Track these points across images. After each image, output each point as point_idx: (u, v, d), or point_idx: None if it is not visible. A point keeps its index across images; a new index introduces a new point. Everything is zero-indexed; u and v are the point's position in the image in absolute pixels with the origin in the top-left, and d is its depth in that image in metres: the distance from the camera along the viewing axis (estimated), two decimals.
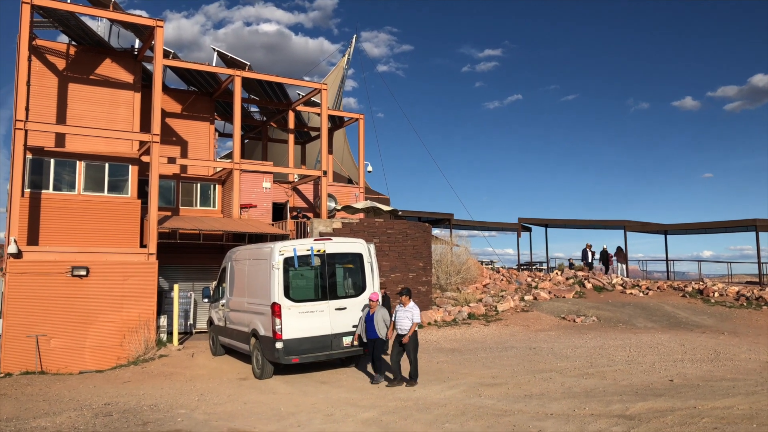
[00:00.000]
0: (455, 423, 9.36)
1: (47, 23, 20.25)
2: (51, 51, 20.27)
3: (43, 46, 20.15)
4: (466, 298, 24.42)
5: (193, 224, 20.47)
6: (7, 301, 16.45)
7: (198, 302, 21.72)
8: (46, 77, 20.04)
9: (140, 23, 19.82)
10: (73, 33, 20.45)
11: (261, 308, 13.66)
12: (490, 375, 13.13)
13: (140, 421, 10.04)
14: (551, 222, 39.19)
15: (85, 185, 19.49)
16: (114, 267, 17.81)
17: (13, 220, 17.11)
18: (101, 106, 20.73)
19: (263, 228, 21.72)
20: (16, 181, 17.39)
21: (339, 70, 40.54)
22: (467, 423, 9.32)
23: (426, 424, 9.36)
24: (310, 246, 13.82)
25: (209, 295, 17.58)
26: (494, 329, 20.46)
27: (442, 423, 9.39)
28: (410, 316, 12.52)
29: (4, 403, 11.94)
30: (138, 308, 17.85)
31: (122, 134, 19.91)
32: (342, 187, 29.12)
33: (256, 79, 24.59)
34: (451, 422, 9.44)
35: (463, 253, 28.96)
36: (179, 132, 24.45)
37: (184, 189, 23.66)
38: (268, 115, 30.15)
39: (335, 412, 10.36)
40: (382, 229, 22.01)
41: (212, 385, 13.04)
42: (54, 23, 20.09)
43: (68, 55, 20.53)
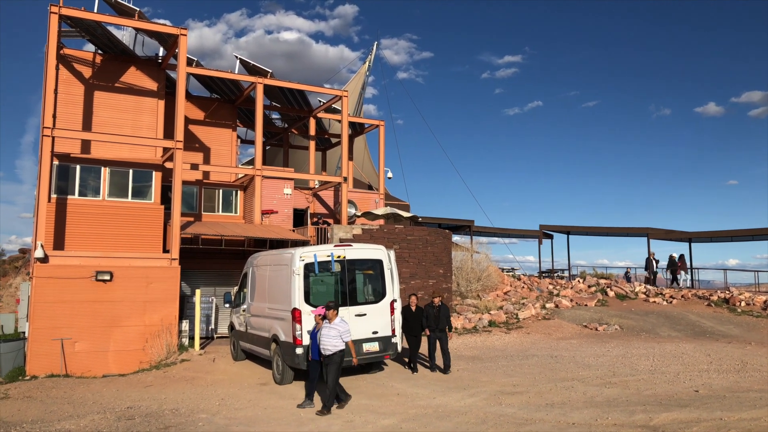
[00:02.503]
0: (475, 431, 9.29)
1: (74, 32, 20.64)
2: (78, 59, 20.65)
3: (70, 55, 20.53)
4: (487, 305, 24.27)
5: (216, 230, 20.65)
6: (34, 304, 16.73)
7: (219, 307, 21.88)
8: (73, 85, 20.40)
9: (164, 32, 20.10)
10: (100, 42, 20.81)
11: (281, 314, 13.71)
12: (511, 383, 13.02)
13: (162, 425, 10.13)
14: (573, 229, 38.83)
15: (109, 191, 19.78)
16: (137, 272, 18.02)
17: (40, 225, 17.42)
18: (126, 113, 21.04)
19: (284, 234, 21.84)
20: (43, 186, 17.70)
21: (360, 77, 40.71)
22: (488, 431, 9.25)
23: None
24: (330, 252, 13.85)
25: (230, 300, 17.69)
26: (515, 337, 20.30)
27: (462, 431, 9.33)
28: (336, 333, 11.29)
29: (29, 405, 12.13)
30: (160, 313, 18.03)
31: (146, 141, 20.19)
32: (362, 194, 29.18)
33: (277, 87, 24.78)
34: (471, 430, 9.37)
35: (484, 260, 28.79)
36: (202, 139, 24.73)
37: (206, 195, 23.91)
38: (289, 122, 30.36)
39: (355, 418, 10.35)
40: (402, 236, 21.99)
41: (233, 390, 13.11)
42: (81, 32, 20.47)
43: (94, 64, 20.89)
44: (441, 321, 14.40)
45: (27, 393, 13.45)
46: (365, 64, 41.01)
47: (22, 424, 10.27)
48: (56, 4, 18.04)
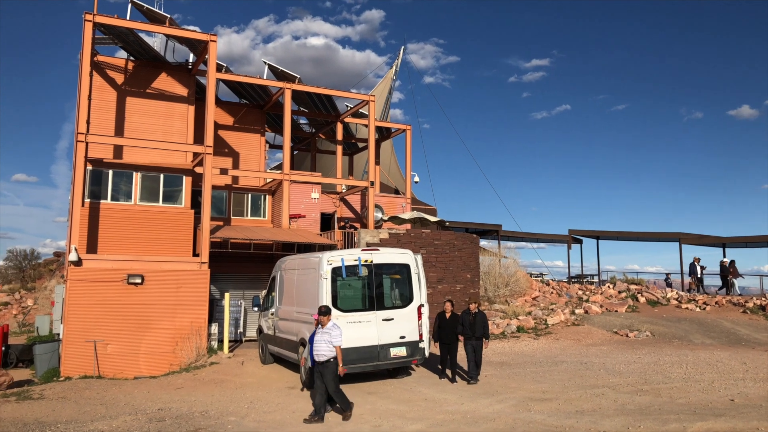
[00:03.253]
0: None
1: (108, 40, 21.09)
2: (110, 66, 21.07)
3: (104, 62, 20.96)
4: (515, 310, 24.05)
5: (244, 234, 20.85)
6: (68, 307, 17.07)
7: (248, 311, 22.07)
8: (106, 91, 20.82)
9: (194, 38, 20.41)
10: (132, 48, 21.22)
11: (309, 317, 13.75)
12: (540, 390, 12.87)
13: (192, 427, 10.24)
14: (603, 234, 38.31)
15: (141, 195, 20.12)
16: (168, 275, 18.27)
17: (74, 229, 17.80)
18: (157, 118, 21.39)
19: (312, 238, 21.95)
20: (77, 191, 18.08)
21: (386, 82, 40.78)
22: None
23: None
24: (357, 256, 13.88)
25: (259, 303, 17.83)
26: (544, 343, 20.07)
27: None
28: (328, 338, 10.89)
29: (64, 405, 12.37)
30: (190, 316, 18.25)
31: (177, 146, 20.51)
32: (389, 198, 29.18)
33: (305, 92, 24.95)
34: None
35: (512, 265, 28.55)
36: (231, 144, 25.01)
37: (235, 199, 24.17)
38: (316, 127, 30.54)
39: (383, 423, 10.33)
40: (429, 240, 21.93)
41: (261, 394, 13.19)
42: (114, 39, 20.90)
43: (126, 70, 21.29)
44: (477, 328, 13.74)
45: (61, 393, 13.72)
46: (392, 69, 41.08)
47: (56, 424, 10.48)
48: (90, 13, 18.46)
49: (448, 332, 13.98)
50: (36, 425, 10.46)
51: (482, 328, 13.79)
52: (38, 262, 45.86)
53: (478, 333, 13.74)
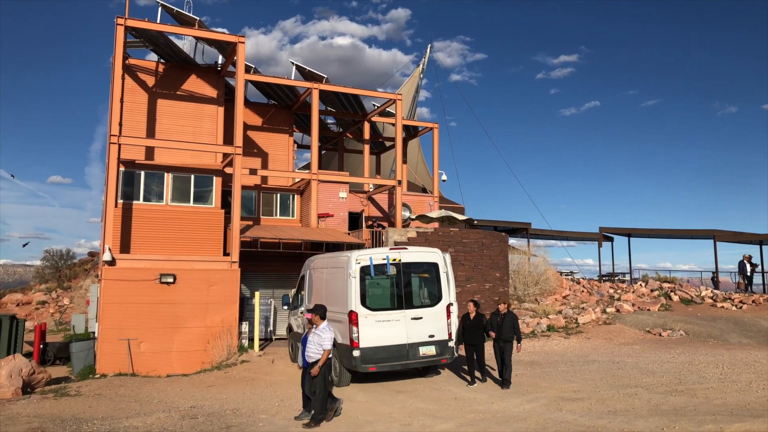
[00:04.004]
0: None
1: (139, 43, 21.44)
2: (142, 69, 21.42)
3: (135, 65, 21.32)
4: (545, 309, 23.82)
5: (274, 233, 21.02)
6: (103, 305, 17.42)
7: (278, 309, 22.25)
8: (137, 94, 21.17)
9: (223, 40, 20.63)
10: (162, 51, 21.54)
11: (338, 316, 13.82)
12: (572, 389, 12.72)
13: (224, 424, 10.36)
14: (634, 231, 37.68)
15: (172, 196, 20.42)
16: (199, 274, 18.52)
17: (107, 229, 18.15)
18: (187, 120, 21.68)
19: (340, 237, 22.03)
20: (110, 192, 18.43)
21: (413, 80, 40.69)
22: None
23: None
24: (385, 255, 13.88)
25: (289, 302, 17.96)
26: (575, 342, 19.83)
27: None
28: (318, 341, 10.45)
29: (100, 402, 12.63)
30: (221, 315, 18.47)
31: (207, 147, 20.76)
32: (416, 197, 29.13)
33: (332, 91, 25.04)
34: None
35: (542, 264, 28.29)
36: (260, 144, 25.24)
37: (264, 199, 24.39)
38: (344, 126, 30.64)
39: (412, 422, 10.32)
40: (457, 239, 21.84)
41: (292, 392, 13.28)
42: (145, 43, 21.24)
43: (157, 72, 21.63)
44: (504, 330, 13.14)
45: (97, 390, 14.01)
46: (419, 67, 40.96)
47: (93, 421, 10.70)
48: (122, 17, 18.79)
49: (473, 333, 13.54)
50: (73, 421, 10.69)
51: (510, 330, 13.18)
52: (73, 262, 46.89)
53: (505, 335, 13.17)
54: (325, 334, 10.47)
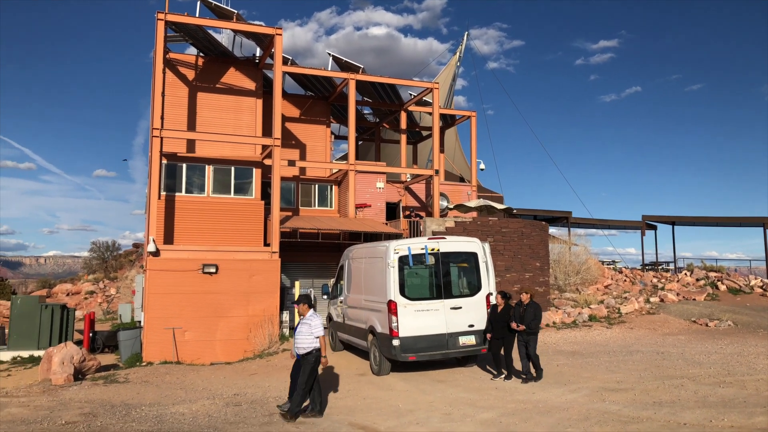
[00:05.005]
0: (578, 428, 9.00)
1: (179, 37, 21.79)
2: (182, 63, 21.77)
3: (175, 59, 21.68)
4: (587, 299, 23.48)
5: (312, 224, 21.21)
6: (148, 295, 17.87)
7: (317, 298, 22.44)
8: (178, 87, 21.54)
9: (261, 32, 20.80)
10: (201, 45, 21.85)
11: (378, 305, 13.88)
12: (615, 380, 12.52)
13: (267, 411, 10.53)
14: (679, 219, 36.76)
15: (213, 188, 20.77)
16: (240, 264, 18.82)
17: (151, 221, 18.58)
18: (227, 112, 21.98)
19: (378, 227, 22.09)
20: (153, 185, 18.84)
21: (450, 69, 40.37)
22: (591, 428, 8.94)
23: (547, 428, 9.08)
24: (424, 245, 13.85)
25: (328, 291, 18.11)
26: (617, 332, 19.50)
27: (564, 427, 9.07)
28: (308, 329, 10.06)
29: (147, 389, 12.98)
30: (262, 304, 18.75)
31: (246, 139, 21.03)
32: (454, 186, 28.98)
33: (369, 82, 25.04)
34: (573, 427, 9.09)
35: (583, 253, 27.87)
36: (298, 135, 25.44)
37: (303, 190, 24.60)
38: (380, 117, 30.62)
39: (453, 411, 10.32)
40: (496, 228, 21.66)
41: (332, 380, 13.41)
42: (184, 37, 21.58)
43: (197, 66, 21.95)
44: (527, 321, 12.42)
45: (144, 378, 14.40)
46: (455, 56, 40.60)
47: (141, 407, 11.01)
48: (162, 12, 19.11)
49: (499, 325, 12.91)
50: (123, 407, 11.02)
51: (530, 320, 12.44)
52: (119, 253, 48.25)
53: (530, 326, 12.49)
54: (314, 321, 10.12)
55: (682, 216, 36.88)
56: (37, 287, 42.26)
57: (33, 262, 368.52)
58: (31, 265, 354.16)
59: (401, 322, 13.11)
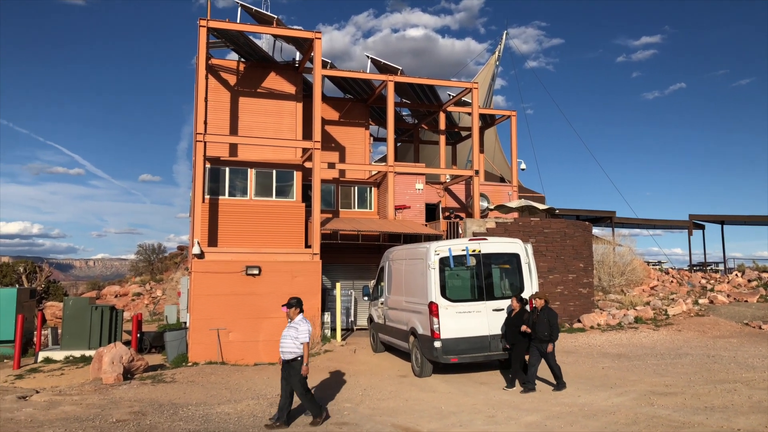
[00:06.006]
0: None
1: (220, 43, 22.19)
2: (223, 68, 22.16)
3: (217, 65, 22.07)
4: (632, 300, 22.97)
5: (352, 225, 21.31)
6: (193, 297, 18.23)
7: (358, 300, 22.56)
8: (220, 92, 21.92)
9: (300, 36, 21.00)
10: (242, 50, 22.20)
11: (419, 307, 13.86)
12: (663, 383, 12.21)
13: None
14: (728, 219, 35.64)
15: (255, 191, 21.06)
16: (282, 266, 19.02)
17: (196, 224, 18.95)
18: (267, 116, 22.26)
19: (417, 228, 22.05)
20: (197, 188, 19.21)
21: (489, 68, 40.07)
22: None
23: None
24: (465, 246, 13.77)
25: (369, 293, 18.17)
26: (665, 334, 19.01)
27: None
28: (294, 334, 9.72)
29: (193, 389, 13.24)
30: (304, 305, 18.84)
31: (287, 142, 21.27)
32: (494, 186, 28.72)
33: (407, 83, 25.03)
34: (621, 431, 8.90)
35: (627, 253, 27.27)
36: (337, 138, 25.60)
37: (342, 192, 24.74)
38: (419, 118, 30.58)
39: (497, 413, 10.22)
40: (538, 229, 21.38)
41: (374, 381, 13.45)
42: (226, 42, 21.96)
43: (238, 71, 22.31)
44: (539, 328, 11.87)
45: (190, 378, 14.69)
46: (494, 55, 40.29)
47: (188, 406, 11.24)
48: (204, 18, 19.49)
49: (512, 331, 12.43)
50: (170, 406, 11.27)
51: (546, 328, 11.80)
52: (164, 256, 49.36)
53: (540, 334, 11.84)
54: (301, 326, 9.77)
55: (731, 215, 35.74)
56: (87, 289, 43.57)
57: (82, 264, 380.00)
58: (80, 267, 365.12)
59: (443, 324, 13.06)
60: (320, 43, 20.55)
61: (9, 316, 20.26)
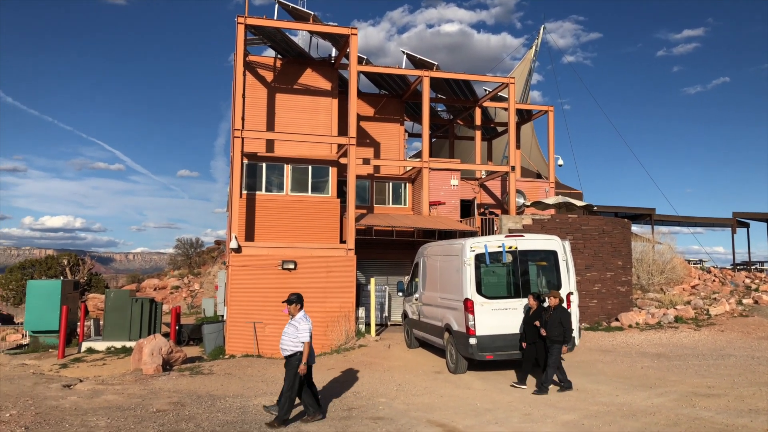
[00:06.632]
0: None
1: (257, 40, 22.43)
2: (260, 65, 22.39)
3: (254, 61, 22.31)
4: (672, 299, 22.47)
5: (387, 221, 21.33)
6: (230, 291, 18.51)
7: (392, 296, 22.59)
8: (257, 89, 22.16)
9: (336, 32, 21.09)
10: (279, 47, 22.39)
11: (454, 303, 13.80)
12: (705, 384, 11.93)
13: (345, 406, 10.70)
14: None
15: (291, 186, 21.23)
16: (318, 261, 19.17)
17: (233, 218, 19.23)
18: (303, 112, 22.43)
19: (452, 225, 21.96)
20: (235, 184, 19.48)
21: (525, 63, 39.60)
22: None
23: None
24: (501, 242, 13.65)
25: (403, 289, 18.17)
26: (706, 335, 18.56)
27: None
28: (294, 332, 9.55)
29: (230, 381, 13.45)
30: (339, 300, 19.02)
31: (322, 138, 21.40)
32: (531, 183, 28.41)
33: (443, 78, 24.90)
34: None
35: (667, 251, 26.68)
36: (372, 134, 25.64)
37: (377, 188, 24.78)
38: (454, 113, 30.42)
39: (533, 411, 10.12)
40: (575, 226, 21.07)
41: (409, 377, 13.46)
42: (263, 39, 22.19)
43: (275, 68, 22.51)
44: (550, 327, 11.60)
45: (227, 370, 14.92)
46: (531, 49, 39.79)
47: (225, 398, 11.43)
48: (242, 16, 19.71)
49: (529, 330, 12.18)
50: (208, 398, 11.48)
51: (557, 327, 11.52)
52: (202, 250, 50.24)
53: (552, 333, 11.59)
54: (302, 325, 9.55)
55: None
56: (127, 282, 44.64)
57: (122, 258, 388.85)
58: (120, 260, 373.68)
59: (478, 321, 12.98)
60: (356, 39, 20.59)
61: (54, 307, 20.89)
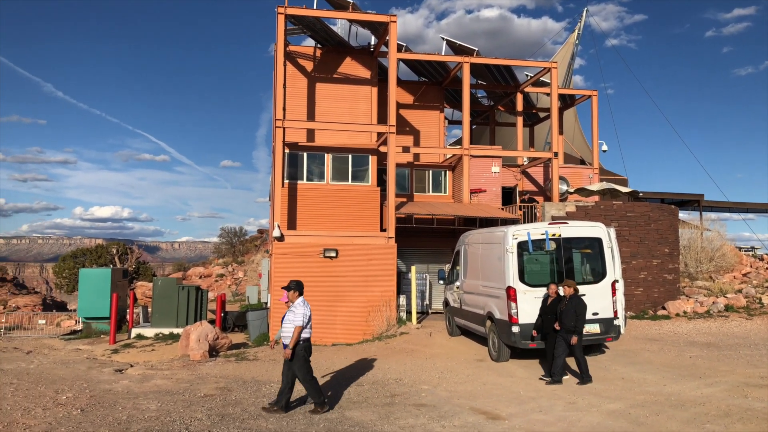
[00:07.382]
0: (718, 425, 8.43)
1: (297, 30, 22.54)
2: (300, 55, 22.51)
3: (294, 51, 22.45)
4: (722, 288, 21.84)
5: (427, 209, 21.29)
6: (273, 278, 18.79)
7: (433, 284, 22.57)
8: (297, 79, 22.31)
9: (375, 20, 21.04)
10: (318, 36, 22.47)
11: (496, 291, 13.71)
12: (758, 375, 11.59)
13: (388, 393, 10.77)
14: None
15: (332, 175, 21.37)
16: (359, 249, 19.28)
17: (276, 208, 19.47)
18: (343, 101, 22.49)
19: (493, 212, 21.76)
20: (277, 173, 19.71)
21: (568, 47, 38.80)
22: (733, 425, 8.35)
23: (682, 423, 8.58)
24: (544, 230, 13.47)
25: (444, 277, 18.14)
26: (759, 324, 18.00)
27: (701, 423, 8.53)
28: (292, 317, 9.34)
29: (275, 367, 13.67)
30: (380, 288, 19.10)
31: (362, 127, 21.44)
32: (574, 169, 27.89)
33: (483, 64, 24.60)
34: (712, 423, 8.54)
35: (716, 238, 25.93)
36: (411, 122, 25.55)
37: (417, 176, 24.72)
38: (495, 99, 30.05)
39: (578, 400, 10.02)
40: (620, 212, 20.65)
41: (451, 365, 13.46)
42: (303, 29, 22.29)
43: (315, 57, 22.61)
44: (565, 318, 11.33)
45: (271, 356, 15.17)
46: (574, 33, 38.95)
47: (270, 383, 11.65)
48: (282, 6, 19.83)
49: (546, 320, 11.90)
50: (253, 383, 11.72)
51: (572, 318, 11.26)
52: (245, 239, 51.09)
53: (567, 324, 11.31)
54: (298, 309, 9.43)
55: None
56: (173, 270, 45.81)
57: (168, 247, 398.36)
58: (166, 249, 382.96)
59: (521, 309, 12.87)
60: (395, 27, 20.50)
61: (105, 295, 21.57)
